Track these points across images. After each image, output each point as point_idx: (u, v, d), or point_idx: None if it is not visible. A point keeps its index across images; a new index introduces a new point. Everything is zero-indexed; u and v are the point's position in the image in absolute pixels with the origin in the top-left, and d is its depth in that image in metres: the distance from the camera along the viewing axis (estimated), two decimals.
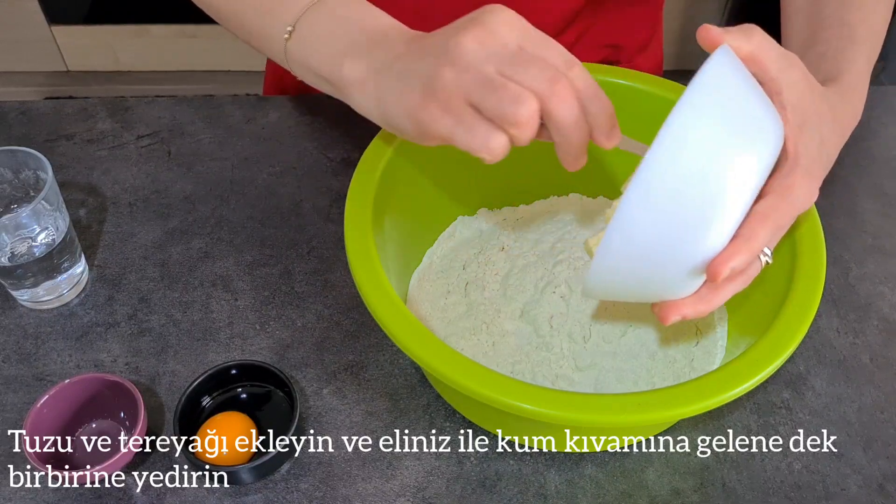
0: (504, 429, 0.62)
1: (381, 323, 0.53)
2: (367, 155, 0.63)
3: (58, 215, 0.66)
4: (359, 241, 0.56)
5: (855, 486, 0.61)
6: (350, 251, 0.56)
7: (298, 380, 0.65)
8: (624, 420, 0.49)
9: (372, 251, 0.56)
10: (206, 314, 0.69)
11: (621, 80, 0.67)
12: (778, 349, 0.52)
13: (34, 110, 0.84)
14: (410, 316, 0.53)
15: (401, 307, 0.53)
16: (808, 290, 0.55)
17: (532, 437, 0.61)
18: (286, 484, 0.60)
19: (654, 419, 0.49)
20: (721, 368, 0.52)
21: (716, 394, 0.50)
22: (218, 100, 0.86)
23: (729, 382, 0.50)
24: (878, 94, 0.90)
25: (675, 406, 0.50)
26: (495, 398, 0.50)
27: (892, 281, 0.73)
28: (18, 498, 0.59)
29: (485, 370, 0.51)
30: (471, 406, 0.62)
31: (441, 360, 0.51)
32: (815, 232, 0.59)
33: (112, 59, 2.04)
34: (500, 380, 0.50)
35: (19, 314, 0.69)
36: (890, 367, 0.67)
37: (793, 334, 0.53)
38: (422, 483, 0.60)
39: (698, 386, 0.50)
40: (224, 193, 0.78)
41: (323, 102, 0.86)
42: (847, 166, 0.82)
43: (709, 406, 0.50)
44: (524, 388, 0.50)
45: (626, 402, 0.50)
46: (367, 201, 0.59)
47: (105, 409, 0.61)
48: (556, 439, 0.60)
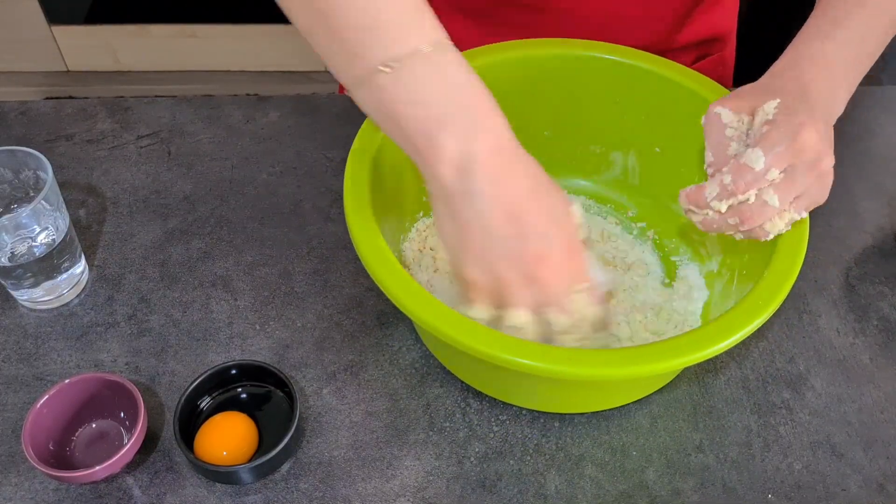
0: (507, 393, 0.63)
1: (379, 283, 0.55)
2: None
3: (58, 215, 0.66)
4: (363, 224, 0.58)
5: (855, 486, 0.61)
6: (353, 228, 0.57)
7: (298, 380, 0.65)
8: (630, 372, 0.51)
9: (373, 225, 0.57)
10: (206, 314, 0.69)
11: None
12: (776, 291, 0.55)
13: (34, 110, 0.84)
14: (410, 280, 0.54)
15: (397, 268, 0.55)
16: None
17: (532, 399, 0.63)
18: (286, 484, 0.60)
19: (668, 366, 0.52)
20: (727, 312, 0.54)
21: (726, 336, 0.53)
22: (218, 100, 0.86)
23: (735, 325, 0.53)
24: (878, 94, 0.90)
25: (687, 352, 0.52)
26: (500, 356, 0.51)
27: (892, 281, 0.73)
28: (18, 498, 0.59)
29: (483, 328, 0.52)
30: (466, 364, 0.63)
31: (446, 323, 0.52)
32: None
33: (112, 59, 2.04)
34: (501, 338, 0.52)
35: (19, 314, 0.69)
36: (890, 367, 0.67)
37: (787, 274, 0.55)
38: (422, 483, 0.60)
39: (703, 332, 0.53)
40: (224, 193, 0.78)
41: (323, 102, 0.86)
42: (847, 166, 0.82)
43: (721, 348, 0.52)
44: (528, 346, 0.52)
45: (632, 354, 0.52)
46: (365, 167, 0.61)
47: (105, 409, 0.61)
48: (561, 397, 0.62)
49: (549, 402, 0.63)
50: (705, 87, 0.67)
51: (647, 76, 0.69)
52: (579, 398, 0.63)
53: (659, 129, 0.71)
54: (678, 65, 0.69)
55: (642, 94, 0.70)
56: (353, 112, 0.89)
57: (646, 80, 0.69)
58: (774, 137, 0.53)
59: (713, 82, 0.67)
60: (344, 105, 0.86)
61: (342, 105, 0.86)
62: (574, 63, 0.70)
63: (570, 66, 0.70)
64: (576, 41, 0.70)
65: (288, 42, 1.99)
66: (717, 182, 0.55)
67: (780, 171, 0.53)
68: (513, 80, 0.69)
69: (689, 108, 0.66)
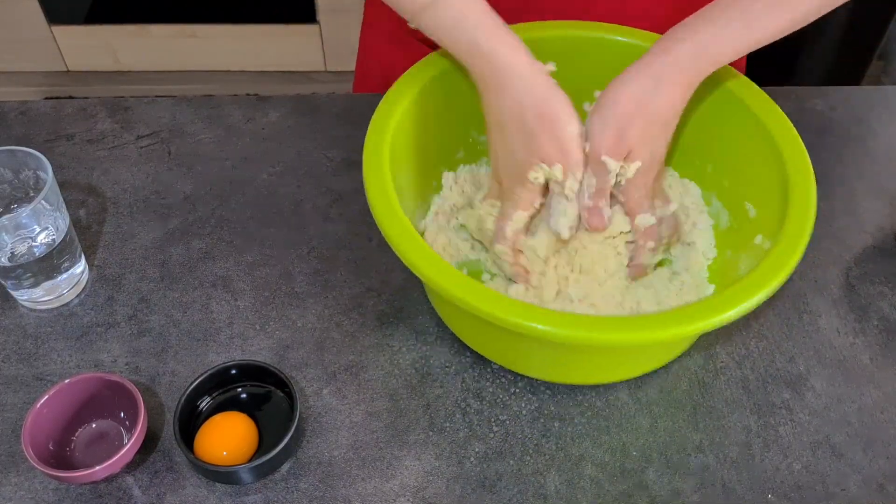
0: (510, 359, 0.65)
1: (390, 240, 0.57)
2: (387, 97, 0.67)
3: (58, 215, 0.66)
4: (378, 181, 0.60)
5: (855, 486, 0.61)
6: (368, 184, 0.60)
7: (298, 380, 0.65)
8: (641, 337, 0.53)
9: (388, 184, 0.60)
10: (206, 314, 0.69)
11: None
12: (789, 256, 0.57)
13: (34, 110, 0.84)
14: (423, 244, 0.57)
15: (410, 229, 0.57)
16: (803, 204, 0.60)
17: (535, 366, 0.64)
18: (286, 484, 0.60)
19: (684, 332, 0.53)
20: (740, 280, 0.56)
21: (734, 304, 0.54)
22: (218, 100, 0.86)
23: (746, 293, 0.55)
24: (878, 94, 0.90)
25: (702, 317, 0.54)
26: (508, 319, 0.53)
27: (892, 281, 0.73)
28: (18, 498, 0.59)
29: (494, 293, 0.54)
30: (473, 328, 0.64)
31: (460, 287, 0.54)
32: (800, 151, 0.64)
33: (112, 59, 2.04)
34: (511, 302, 0.54)
35: (19, 314, 0.69)
36: (890, 367, 0.67)
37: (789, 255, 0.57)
38: (422, 483, 0.60)
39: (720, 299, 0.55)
40: (224, 193, 0.78)
41: (323, 102, 0.86)
42: (847, 166, 0.82)
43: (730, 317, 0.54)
44: (539, 311, 0.54)
45: (645, 320, 0.54)
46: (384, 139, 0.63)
47: (105, 409, 0.61)
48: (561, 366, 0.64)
49: (554, 369, 0.64)
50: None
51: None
52: (591, 366, 0.64)
53: None
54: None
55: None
56: (353, 112, 0.89)
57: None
58: (639, 200, 0.65)
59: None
60: (344, 105, 0.86)
61: (342, 105, 0.86)
62: (580, 44, 0.72)
63: (574, 47, 0.72)
64: (581, 23, 0.73)
65: (288, 42, 1.99)
66: (647, 250, 0.67)
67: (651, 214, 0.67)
68: None
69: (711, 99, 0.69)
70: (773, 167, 0.63)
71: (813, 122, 0.86)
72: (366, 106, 0.76)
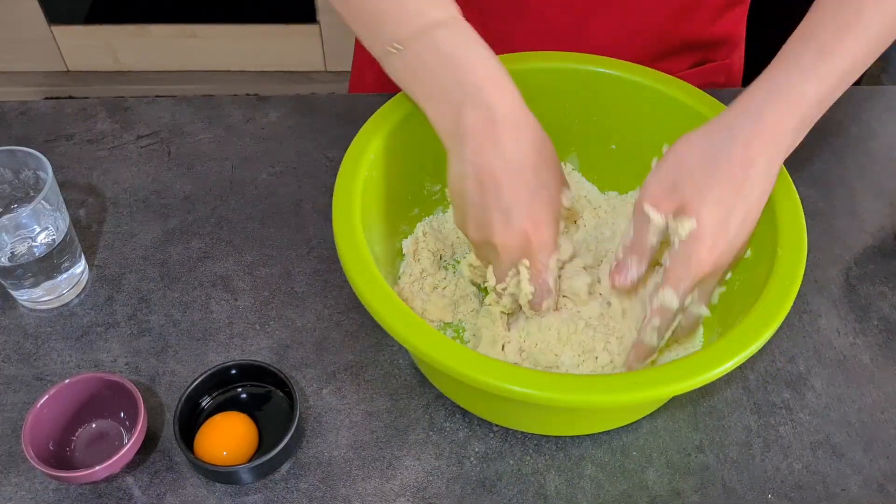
0: (495, 415, 0.63)
1: (375, 315, 0.54)
2: (355, 142, 0.64)
3: (58, 215, 0.66)
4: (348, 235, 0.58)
5: (855, 486, 0.61)
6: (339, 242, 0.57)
7: (298, 380, 0.65)
8: (616, 399, 0.51)
9: (360, 240, 0.57)
10: (206, 314, 0.69)
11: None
12: (767, 321, 0.54)
13: (34, 110, 0.84)
14: (402, 305, 0.54)
15: (391, 295, 0.55)
16: (792, 260, 0.57)
17: (521, 421, 0.62)
18: (286, 484, 0.60)
19: (647, 396, 0.51)
20: (709, 346, 0.54)
21: (705, 370, 0.52)
22: (218, 100, 0.86)
23: (717, 359, 0.52)
24: (878, 94, 0.90)
25: (669, 382, 0.51)
26: (482, 380, 0.51)
27: (892, 281, 0.73)
28: (18, 498, 0.59)
29: (471, 353, 0.52)
30: (460, 391, 0.62)
31: (431, 346, 0.52)
32: (796, 212, 0.60)
33: (112, 59, 2.04)
34: (490, 364, 0.52)
35: (19, 314, 0.69)
36: (890, 367, 0.67)
37: (778, 308, 0.54)
38: (422, 483, 0.60)
39: (688, 363, 0.52)
40: (224, 193, 0.78)
41: (323, 102, 0.86)
42: (847, 166, 0.82)
43: (697, 383, 0.51)
44: (515, 372, 0.52)
45: (620, 381, 0.51)
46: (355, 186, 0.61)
47: (105, 409, 0.61)
48: (546, 421, 0.61)
49: (541, 424, 0.62)
50: (696, 99, 0.67)
51: (637, 87, 0.69)
52: (575, 422, 0.62)
53: (651, 132, 0.70)
54: (665, 75, 0.68)
55: (633, 105, 0.70)
56: (353, 112, 0.89)
57: (638, 91, 0.69)
58: (678, 274, 0.56)
59: (703, 93, 0.67)
60: (344, 105, 0.86)
61: (342, 105, 0.86)
62: (563, 77, 0.70)
63: (556, 80, 0.70)
64: (559, 54, 0.70)
65: (288, 42, 1.99)
66: (650, 328, 0.58)
67: (692, 292, 0.58)
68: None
69: (679, 119, 0.66)
70: None
71: None
72: (366, 106, 0.76)
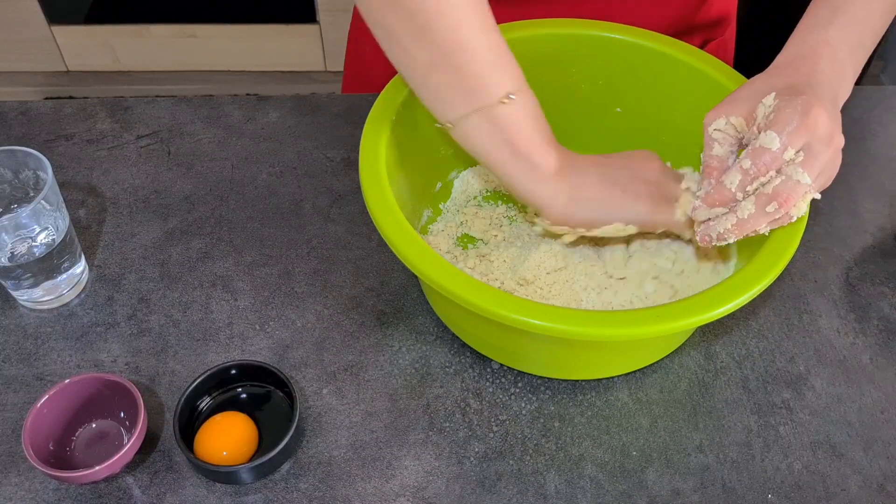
0: (506, 355, 0.64)
1: (388, 239, 0.57)
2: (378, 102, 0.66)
3: (58, 215, 0.66)
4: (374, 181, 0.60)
5: (855, 486, 0.61)
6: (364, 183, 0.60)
7: (298, 380, 0.65)
8: (632, 332, 0.53)
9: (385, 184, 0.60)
10: (206, 314, 0.69)
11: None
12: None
13: (34, 110, 0.84)
14: (421, 242, 0.57)
15: (409, 229, 0.57)
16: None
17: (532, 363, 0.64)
18: (286, 484, 0.60)
19: (669, 328, 0.53)
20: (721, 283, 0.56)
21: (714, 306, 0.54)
22: (218, 100, 0.86)
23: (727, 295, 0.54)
24: (878, 94, 0.90)
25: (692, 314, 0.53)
26: (504, 314, 0.53)
27: (892, 281, 0.73)
28: (18, 498, 0.59)
29: (490, 288, 0.54)
30: (471, 327, 0.64)
31: (454, 281, 0.54)
32: None
33: (112, 59, 2.04)
34: (508, 298, 0.54)
35: (19, 314, 0.69)
36: (890, 367, 0.67)
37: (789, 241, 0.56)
38: (421, 483, 0.60)
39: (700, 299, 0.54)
40: (224, 193, 0.78)
41: (323, 102, 0.86)
42: (848, 166, 0.81)
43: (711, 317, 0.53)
44: (531, 305, 0.53)
45: (637, 315, 0.54)
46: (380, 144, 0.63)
47: (105, 409, 0.61)
48: (564, 363, 0.64)
49: (552, 365, 0.64)
50: (700, 60, 0.70)
51: (660, 57, 0.71)
52: (589, 361, 0.65)
53: (674, 108, 0.73)
54: (693, 48, 0.71)
55: (655, 76, 0.72)
56: (353, 112, 0.89)
57: (661, 61, 0.71)
58: (786, 117, 0.52)
59: (707, 55, 0.70)
60: (344, 105, 0.86)
61: (342, 105, 0.86)
62: (582, 42, 0.72)
63: (575, 46, 0.73)
64: (581, 21, 0.73)
65: (288, 42, 1.99)
66: (737, 169, 0.54)
67: (796, 150, 0.53)
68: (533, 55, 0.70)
69: (702, 91, 0.69)
70: None
71: None
72: (366, 106, 0.76)
